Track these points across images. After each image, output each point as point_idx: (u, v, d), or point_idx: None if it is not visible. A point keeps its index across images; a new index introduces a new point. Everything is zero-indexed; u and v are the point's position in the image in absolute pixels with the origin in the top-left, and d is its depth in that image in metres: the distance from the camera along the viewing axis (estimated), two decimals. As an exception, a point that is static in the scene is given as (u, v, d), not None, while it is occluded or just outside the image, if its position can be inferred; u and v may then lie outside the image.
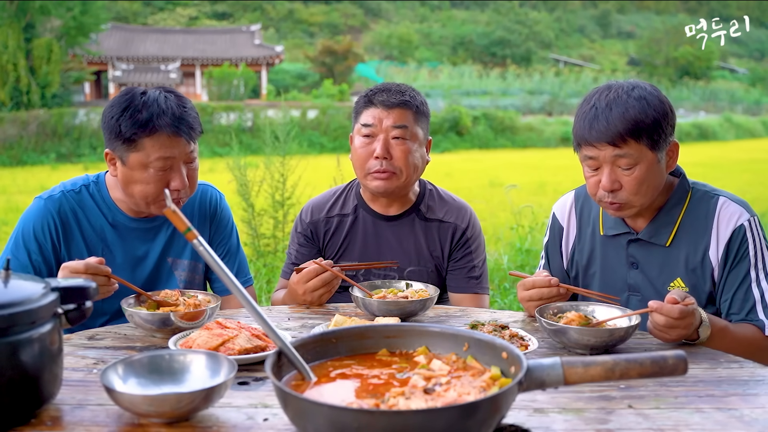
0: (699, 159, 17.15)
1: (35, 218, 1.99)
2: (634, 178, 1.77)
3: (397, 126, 2.13)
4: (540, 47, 54.99)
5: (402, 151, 2.13)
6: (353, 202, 2.31)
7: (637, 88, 1.79)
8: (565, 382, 1.06)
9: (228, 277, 1.16)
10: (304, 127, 22.62)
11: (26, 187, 13.13)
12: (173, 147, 1.90)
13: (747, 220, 1.81)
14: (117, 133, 1.89)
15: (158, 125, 1.87)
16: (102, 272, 1.72)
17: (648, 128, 1.74)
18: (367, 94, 2.21)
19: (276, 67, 37.55)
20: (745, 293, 1.80)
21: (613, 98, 1.77)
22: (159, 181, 1.91)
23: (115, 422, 1.19)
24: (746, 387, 1.36)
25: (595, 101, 1.80)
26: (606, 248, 1.98)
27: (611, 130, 1.74)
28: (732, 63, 55.02)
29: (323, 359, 1.21)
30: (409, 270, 2.24)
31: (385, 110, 2.14)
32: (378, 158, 2.12)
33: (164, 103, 1.90)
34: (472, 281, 2.25)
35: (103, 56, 31.68)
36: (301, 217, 2.33)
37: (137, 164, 1.90)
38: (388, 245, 2.25)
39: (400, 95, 2.15)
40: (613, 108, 1.75)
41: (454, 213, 2.28)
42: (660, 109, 1.77)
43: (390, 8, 62.56)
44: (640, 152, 1.76)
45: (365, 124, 2.15)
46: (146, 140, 1.87)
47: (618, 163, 1.77)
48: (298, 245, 2.32)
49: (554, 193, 11.00)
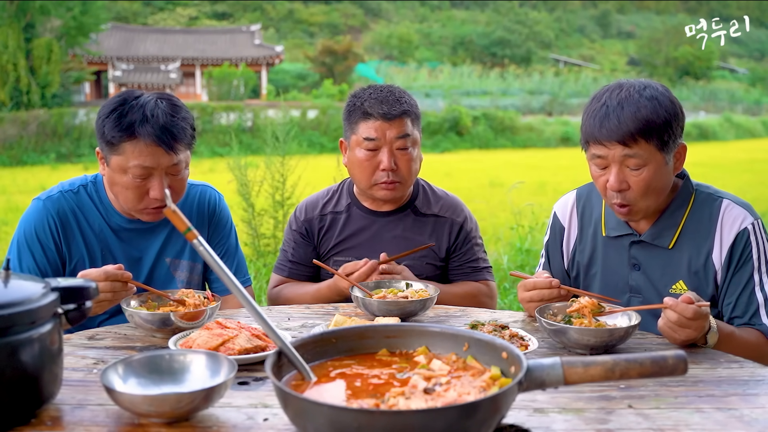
0: (699, 159, 17.12)
1: (35, 219, 1.99)
2: (642, 179, 1.76)
3: (400, 136, 2.15)
4: (540, 47, 54.97)
5: (407, 161, 2.17)
6: (346, 200, 2.34)
7: (648, 88, 1.77)
8: (565, 382, 1.06)
9: (228, 277, 1.16)
10: (304, 127, 22.59)
11: (26, 187, 13.12)
12: (152, 156, 1.86)
13: (751, 223, 1.81)
14: (102, 134, 1.89)
15: (138, 132, 1.84)
16: (122, 279, 1.73)
17: (659, 129, 1.73)
18: (362, 105, 2.17)
19: (276, 67, 37.54)
20: (749, 297, 1.79)
21: (625, 97, 1.74)
22: (137, 188, 1.89)
23: (115, 422, 1.19)
24: (746, 387, 1.36)
25: (606, 99, 1.77)
26: (608, 249, 1.98)
27: (622, 128, 1.72)
28: (732, 63, 55.00)
29: (323, 359, 1.21)
30: (405, 265, 2.24)
31: (387, 122, 2.13)
32: (385, 170, 2.14)
33: (152, 110, 1.86)
34: (484, 271, 2.34)
35: (103, 56, 31.66)
36: (296, 215, 2.37)
37: (117, 168, 1.89)
38: (382, 240, 2.27)
39: (399, 105, 2.15)
40: (625, 107, 1.73)
41: (449, 208, 2.32)
42: (671, 109, 1.75)
43: (390, 8, 62.54)
44: (649, 153, 1.74)
45: (368, 138, 2.14)
46: (127, 145, 1.86)
47: (627, 163, 1.76)
48: (294, 243, 2.35)
49: (554, 193, 11.00)
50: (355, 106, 2.20)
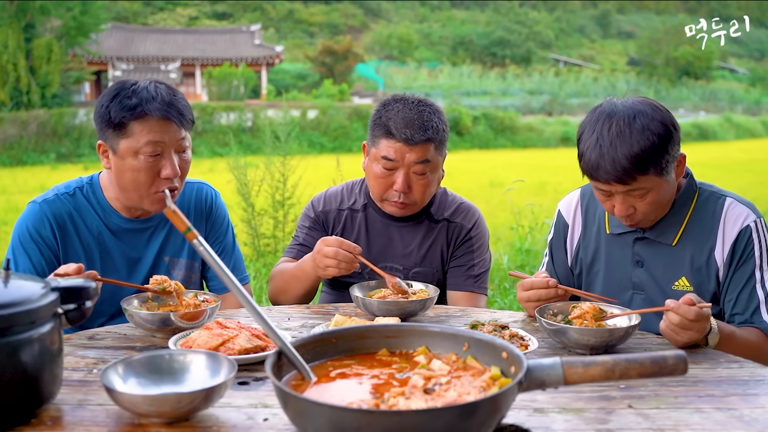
0: (699, 159, 17.12)
1: (31, 221, 1.97)
2: (648, 203, 1.77)
3: (419, 162, 2.09)
4: (540, 47, 54.98)
5: (422, 185, 2.12)
6: (363, 200, 2.31)
7: (638, 116, 1.72)
8: (565, 382, 1.06)
9: (228, 276, 1.16)
10: (304, 127, 22.60)
11: (26, 187, 13.12)
12: (163, 132, 1.90)
13: (753, 221, 1.82)
14: (107, 120, 1.89)
15: (147, 109, 1.87)
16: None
17: (655, 159, 1.71)
18: (387, 122, 2.10)
19: (276, 67, 37.53)
20: (750, 294, 1.80)
21: (616, 133, 1.71)
22: (149, 168, 1.90)
23: (115, 422, 1.19)
24: (746, 387, 1.36)
25: (598, 135, 1.74)
26: (611, 246, 1.98)
27: (618, 170, 1.70)
28: (732, 63, 55.02)
29: (323, 359, 1.21)
30: (415, 271, 2.24)
31: (408, 146, 2.07)
32: (398, 191, 2.11)
33: (154, 90, 1.92)
34: (470, 280, 2.24)
35: (103, 56, 31.64)
36: (313, 204, 2.34)
37: (127, 151, 1.89)
38: (394, 245, 2.25)
39: (423, 133, 2.07)
40: (618, 147, 1.70)
41: (462, 213, 2.28)
42: (664, 133, 1.72)
43: (390, 8, 62.55)
44: (650, 182, 1.74)
45: (386, 158, 2.09)
46: (135, 124, 1.88)
47: (630, 193, 1.76)
48: (308, 228, 2.31)
49: (554, 193, 11.00)
50: (381, 120, 2.13)
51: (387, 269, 2.21)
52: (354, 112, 24.36)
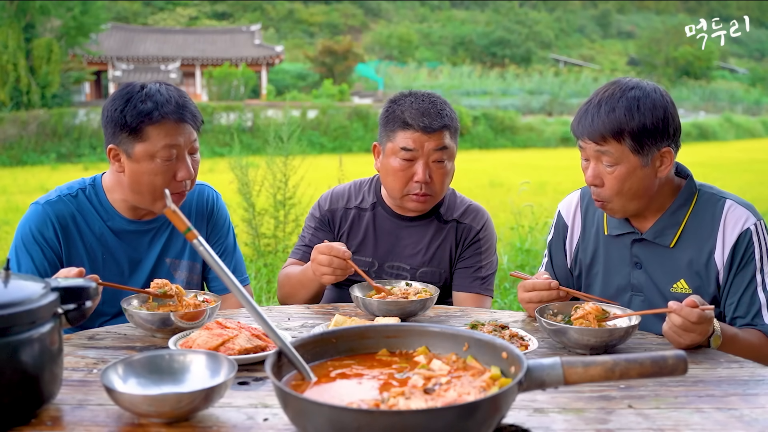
0: (699, 159, 17.12)
1: (34, 222, 1.97)
2: (615, 177, 1.79)
3: (438, 149, 2.11)
4: (540, 47, 54.97)
5: (441, 174, 2.15)
6: (372, 199, 2.31)
7: (636, 89, 1.77)
8: (565, 382, 1.07)
9: (228, 277, 1.16)
10: (304, 127, 22.58)
11: (26, 187, 13.13)
12: (179, 134, 1.92)
13: (753, 224, 1.81)
14: (122, 125, 1.89)
15: (163, 113, 1.89)
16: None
17: (631, 131, 1.74)
18: (402, 114, 2.12)
19: (276, 67, 37.54)
20: (751, 297, 1.79)
21: (608, 96, 1.78)
22: (166, 171, 1.92)
23: (115, 422, 1.19)
24: (746, 387, 1.36)
25: (593, 96, 1.83)
26: (610, 248, 1.98)
27: (594, 127, 1.77)
28: (732, 63, 55.00)
29: (323, 359, 1.21)
30: (422, 270, 2.24)
31: (426, 134, 2.09)
32: (419, 182, 2.12)
33: (166, 92, 1.93)
34: (477, 281, 2.25)
35: (103, 56, 31.65)
36: (320, 203, 2.34)
37: (144, 155, 1.90)
38: (402, 244, 2.25)
39: (440, 119, 2.10)
40: (602, 106, 1.77)
41: (471, 215, 2.29)
42: (652, 113, 1.74)
43: (390, 8, 62.55)
44: (621, 152, 1.76)
45: (406, 148, 2.10)
46: (151, 129, 1.89)
47: (601, 159, 1.80)
48: (314, 229, 2.32)
49: (554, 193, 10.99)
50: (394, 114, 2.14)
51: (394, 268, 2.23)
52: (354, 112, 24.36)
